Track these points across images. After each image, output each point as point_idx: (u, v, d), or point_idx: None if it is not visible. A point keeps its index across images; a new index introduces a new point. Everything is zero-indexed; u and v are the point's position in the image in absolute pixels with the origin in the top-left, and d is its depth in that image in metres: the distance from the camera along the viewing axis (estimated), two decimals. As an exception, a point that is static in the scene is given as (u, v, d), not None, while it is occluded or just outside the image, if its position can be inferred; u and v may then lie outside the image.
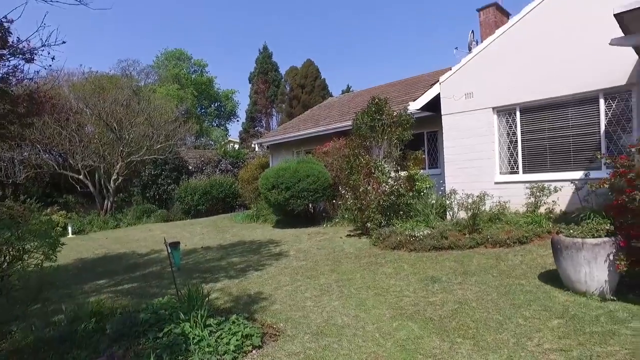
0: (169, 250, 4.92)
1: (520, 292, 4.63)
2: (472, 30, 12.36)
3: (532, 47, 8.16)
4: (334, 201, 11.53)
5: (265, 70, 39.27)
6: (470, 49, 11.45)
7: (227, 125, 51.57)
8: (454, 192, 8.48)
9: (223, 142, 37.37)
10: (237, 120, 52.65)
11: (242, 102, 69.98)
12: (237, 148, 30.01)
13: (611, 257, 4.14)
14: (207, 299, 4.35)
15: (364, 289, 5.39)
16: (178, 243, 7.90)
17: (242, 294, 5.67)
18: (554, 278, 4.79)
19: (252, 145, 19.66)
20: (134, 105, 20.04)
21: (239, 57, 75.90)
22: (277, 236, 10.54)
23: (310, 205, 11.63)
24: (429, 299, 4.73)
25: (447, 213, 8.82)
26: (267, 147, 18.24)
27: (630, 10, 4.83)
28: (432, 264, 6.24)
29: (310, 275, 6.37)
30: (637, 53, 6.59)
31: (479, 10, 11.84)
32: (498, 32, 8.74)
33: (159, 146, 19.92)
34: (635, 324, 3.54)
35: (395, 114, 9.93)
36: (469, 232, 7.24)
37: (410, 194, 9.09)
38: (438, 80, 9.69)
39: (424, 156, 12.06)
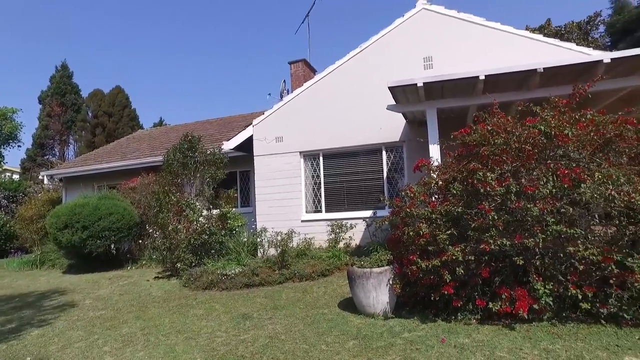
0: None
1: (324, 321, 5.09)
2: (284, 80, 13.58)
3: (332, 101, 9.44)
4: (141, 241, 10.66)
5: (62, 91, 34.06)
6: (282, 97, 12.48)
7: (2, 150, 42.30)
8: (264, 230, 8.90)
9: (-4, 171, 30.39)
10: (19, 146, 43.68)
11: (29, 124, 58.58)
12: (16, 179, 24.82)
13: (390, 282, 4.99)
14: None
15: (173, 334, 5.08)
16: None
17: None
18: (351, 305, 5.44)
19: (40, 177, 16.67)
20: None
21: (27, 69, 63.71)
22: (69, 283, 9.06)
23: (112, 246, 10.44)
24: (240, 337, 4.77)
25: (258, 250, 9.13)
26: (61, 179, 15.77)
27: (396, 86, 6.55)
28: (244, 302, 6.33)
29: (111, 325, 5.68)
30: (404, 118, 8.38)
31: (290, 63, 13.07)
32: (306, 85, 9.84)
33: None
34: (406, 335, 4.33)
35: (209, 152, 9.94)
36: (279, 268, 7.64)
37: (223, 232, 9.12)
38: (252, 123, 10.21)
39: (236, 195, 12.32)
